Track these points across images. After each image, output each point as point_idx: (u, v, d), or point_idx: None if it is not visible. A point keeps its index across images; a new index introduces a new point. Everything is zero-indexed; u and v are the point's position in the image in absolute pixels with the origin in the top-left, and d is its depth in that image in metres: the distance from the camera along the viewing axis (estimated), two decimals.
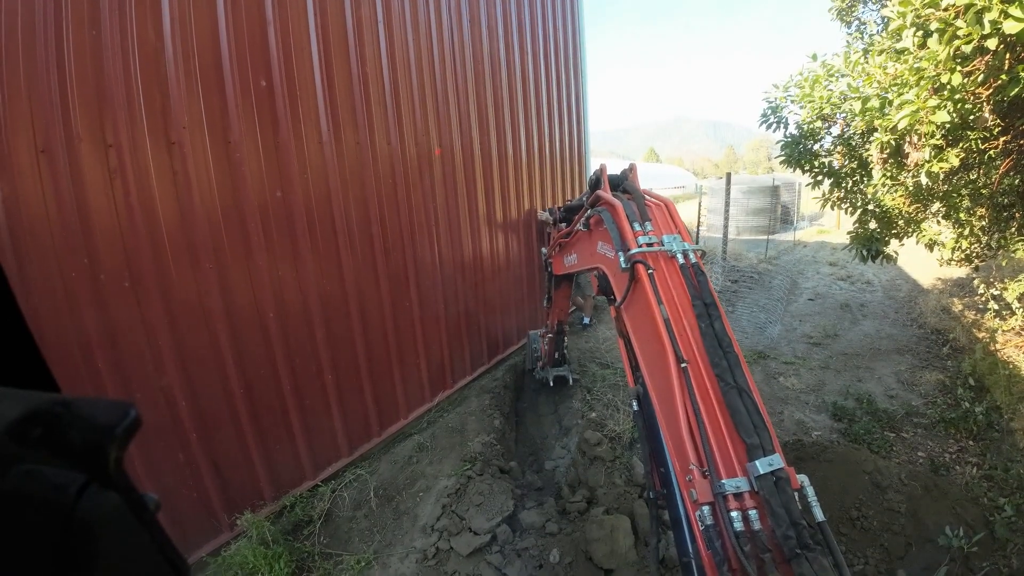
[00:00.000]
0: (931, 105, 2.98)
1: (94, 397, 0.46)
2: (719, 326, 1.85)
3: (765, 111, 5.08)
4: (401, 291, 4.78)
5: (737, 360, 1.78)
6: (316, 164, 3.88)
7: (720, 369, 1.75)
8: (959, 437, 4.54)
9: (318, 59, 3.86)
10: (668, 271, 2.03)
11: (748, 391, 1.70)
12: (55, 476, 0.41)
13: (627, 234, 2.14)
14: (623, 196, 2.43)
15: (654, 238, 2.10)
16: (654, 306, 1.88)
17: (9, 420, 0.41)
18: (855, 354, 6.56)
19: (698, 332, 1.85)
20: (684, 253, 2.05)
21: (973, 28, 2.49)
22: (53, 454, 0.42)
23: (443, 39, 5.15)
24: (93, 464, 0.42)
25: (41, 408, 0.43)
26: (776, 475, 1.51)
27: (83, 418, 0.43)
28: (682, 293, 1.96)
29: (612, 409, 5.17)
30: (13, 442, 0.41)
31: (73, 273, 2.78)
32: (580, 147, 8.24)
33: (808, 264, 12.01)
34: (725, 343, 1.82)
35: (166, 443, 3.20)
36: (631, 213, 2.22)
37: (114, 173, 2.89)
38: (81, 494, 0.41)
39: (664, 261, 2.05)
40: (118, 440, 0.43)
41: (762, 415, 1.66)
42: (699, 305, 1.90)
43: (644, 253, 2.03)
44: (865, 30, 6.12)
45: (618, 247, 2.14)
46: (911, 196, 4.61)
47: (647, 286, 1.94)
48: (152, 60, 2.99)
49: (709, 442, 1.61)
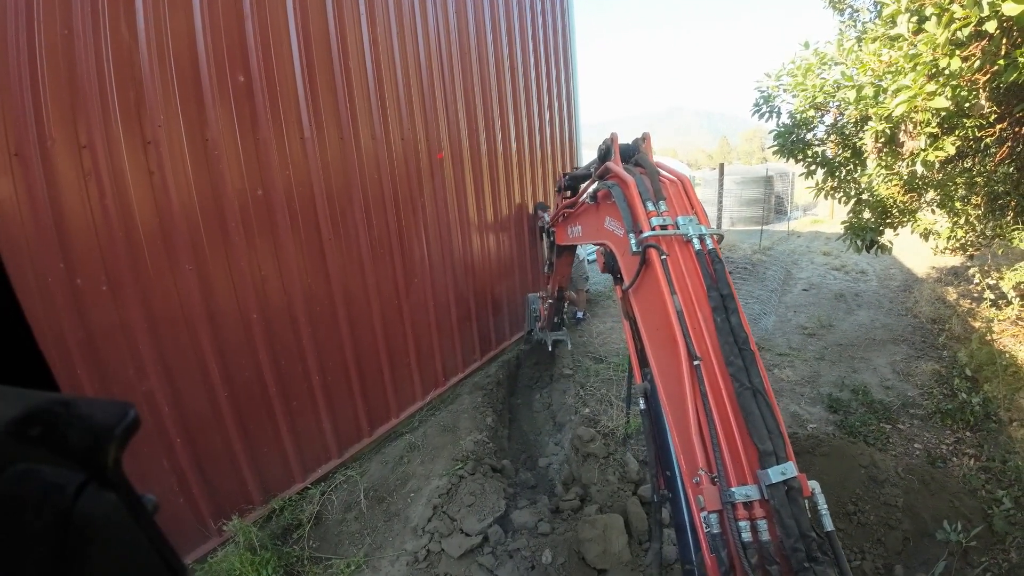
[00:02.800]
0: (928, 91, 2.91)
1: (93, 397, 0.46)
2: (735, 320, 1.72)
3: (757, 100, 5.03)
4: (389, 288, 4.70)
5: (753, 358, 1.66)
6: (298, 160, 3.79)
7: (735, 368, 1.64)
8: (956, 428, 4.50)
9: (298, 53, 3.76)
10: (683, 257, 1.88)
11: (763, 393, 1.60)
12: (53, 475, 0.41)
13: (639, 214, 1.97)
14: (635, 170, 2.22)
15: (668, 219, 1.93)
16: (666, 295, 1.75)
17: (8, 418, 0.41)
18: (850, 345, 6.52)
19: (713, 326, 1.73)
20: (700, 238, 1.89)
21: (972, 11, 2.42)
22: (52, 453, 0.42)
23: (428, 31, 5.04)
24: (92, 464, 0.42)
25: (40, 407, 0.43)
26: (788, 484, 1.43)
27: (82, 418, 0.43)
28: (697, 282, 1.82)
29: (605, 404, 5.12)
30: (12, 440, 0.41)
31: (49, 278, 2.69)
32: (571, 139, 8.15)
33: (802, 254, 11.98)
34: (741, 339, 1.69)
35: (150, 449, 3.12)
36: (644, 190, 2.03)
37: (88, 175, 2.80)
38: (79, 493, 0.41)
39: (679, 246, 1.90)
40: (117, 440, 0.43)
41: (777, 420, 1.56)
42: (715, 296, 1.76)
43: (657, 237, 1.88)
44: (858, 17, 6.05)
45: (629, 228, 1.99)
46: (906, 185, 4.57)
47: (660, 273, 1.79)
48: (126, 57, 2.89)
49: (720, 446, 1.54)
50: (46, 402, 0.44)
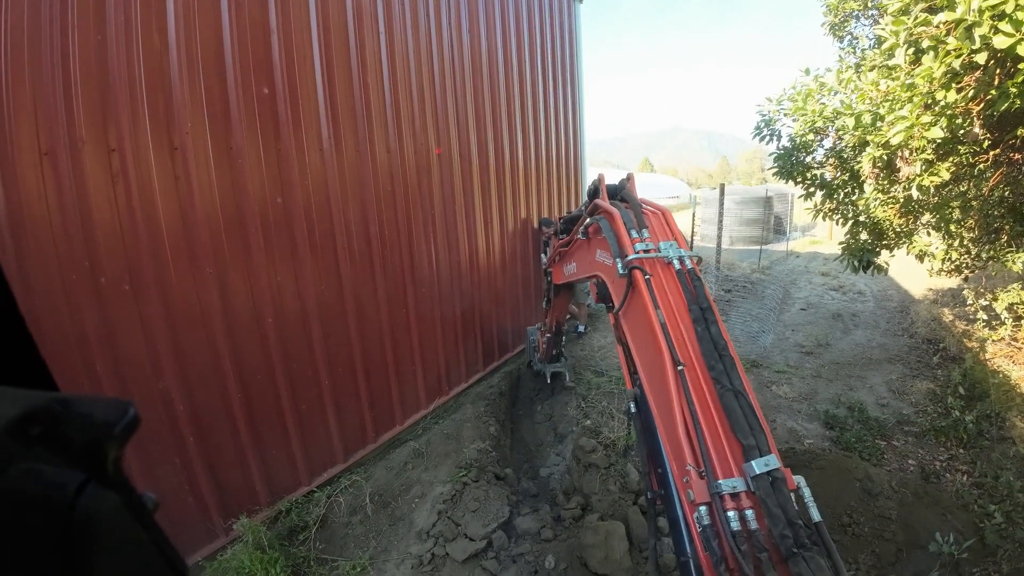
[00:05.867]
0: (925, 121, 3.04)
1: (93, 395, 0.45)
2: (715, 330, 1.88)
3: (759, 123, 5.15)
4: (398, 297, 4.80)
5: (733, 363, 1.81)
6: (316, 171, 3.92)
7: (716, 372, 1.78)
8: (949, 445, 4.59)
9: (320, 67, 3.90)
10: (665, 277, 2.07)
11: (744, 393, 1.73)
12: (53, 474, 0.41)
13: (625, 241, 2.18)
14: (621, 205, 2.46)
15: (651, 244, 2.14)
16: (651, 311, 1.92)
17: (8, 418, 0.40)
18: (847, 363, 6.62)
19: (694, 336, 1.88)
20: (680, 259, 2.09)
21: (964, 43, 2.55)
22: (52, 452, 0.41)
23: (443, 49, 5.21)
24: (92, 463, 0.42)
25: (40, 406, 0.42)
26: (772, 475, 1.53)
27: (82, 416, 0.43)
28: (678, 298, 2.00)
29: (607, 416, 5.19)
30: (12, 440, 0.40)
31: (74, 275, 2.79)
32: (577, 155, 8.31)
33: (800, 274, 12.10)
34: (721, 346, 1.85)
35: (163, 446, 3.19)
36: (628, 221, 2.27)
37: (116, 177, 2.90)
38: (80, 493, 0.41)
39: (661, 267, 2.09)
40: (117, 439, 0.43)
41: (758, 417, 1.68)
42: (695, 310, 1.94)
43: (641, 259, 2.07)
44: (857, 45, 6.22)
45: (616, 254, 2.18)
46: (902, 208, 4.68)
47: (644, 291, 1.98)
48: (156, 66, 3.02)
49: (706, 443, 1.64)
50: (46, 401, 0.43)
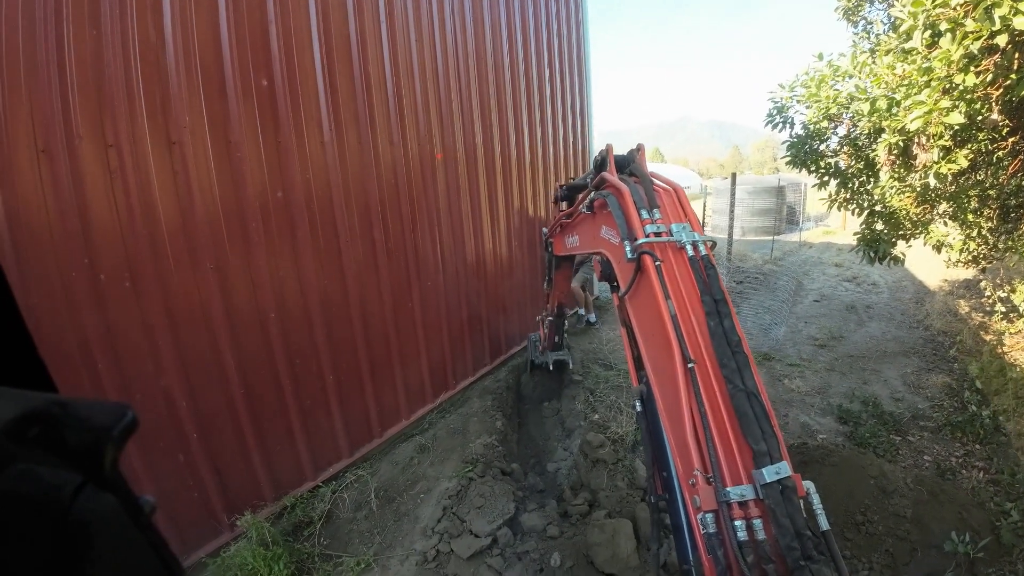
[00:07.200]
0: (943, 106, 2.94)
1: (91, 398, 0.46)
2: (728, 324, 1.76)
3: (771, 111, 5.05)
4: (403, 292, 4.76)
5: (746, 361, 1.70)
6: (318, 164, 3.87)
7: (728, 370, 1.67)
8: (965, 441, 4.49)
9: (320, 58, 3.85)
10: (676, 263, 1.91)
11: (757, 394, 1.63)
12: (51, 476, 0.41)
13: (634, 222, 2.01)
14: (630, 180, 2.25)
15: (662, 227, 1.97)
16: (661, 301, 1.78)
17: (6, 419, 0.41)
18: (861, 356, 6.50)
19: (706, 330, 1.76)
20: (694, 244, 1.92)
21: (983, 24, 2.44)
22: (49, 454, 0.42)
23: (446, 39, 5.13)
24: (89, 465, 0.42)
25: (38, 408, 0.43)
26: (783, 484, 1.46)
27: (80, 419, 0.43)
28: (691, 287, 1.85)
29: (615, 411, 5.14)
30: (10, 441, 0.41)
31: (73, 273, 2.76)
32: (584, 149, 8.21)
33: (814, 265, 11.94)
34: (734, 342, 1.73)
35: (166, 443, 3.18)
36: (638, 199, 2.08)
37: (114, 173, 2.87)
38: (77, 495, 0.41)
39: (672, 252, 1.94)
40: (115, 441, 0.43)
41: (770, 420, 1.59)
42: (708, 301, 1.80)
43: (652, 243, 1.92)
44: (872, 29, 6.07)
45: (624, 235, 2.03)
46: (918, 197, 4.57)
47: (654, 279, 1.83)
48: (153, 59, 2.98)
49: (715, 447, 1.56)
50: (44, 403, 0.43)
